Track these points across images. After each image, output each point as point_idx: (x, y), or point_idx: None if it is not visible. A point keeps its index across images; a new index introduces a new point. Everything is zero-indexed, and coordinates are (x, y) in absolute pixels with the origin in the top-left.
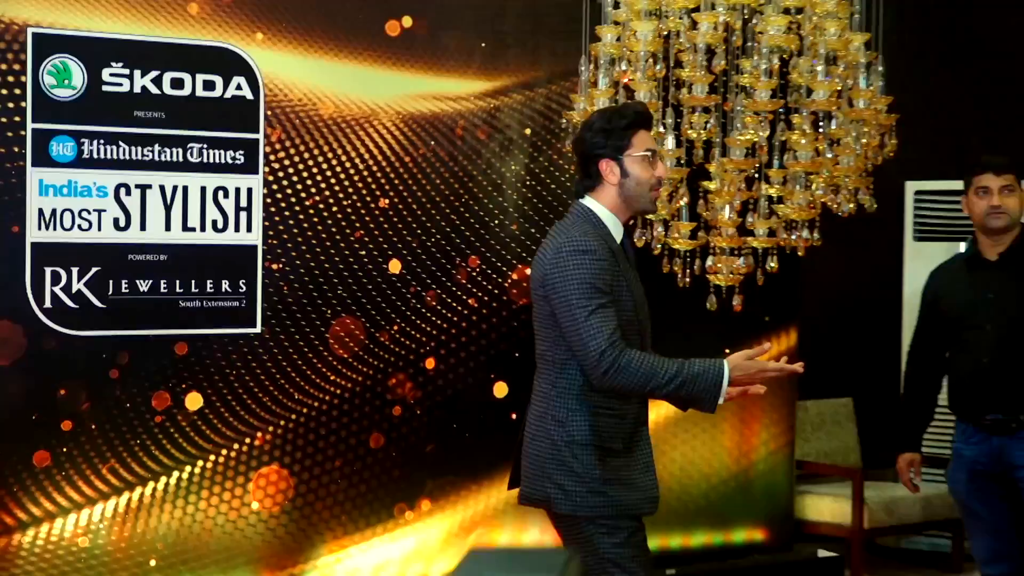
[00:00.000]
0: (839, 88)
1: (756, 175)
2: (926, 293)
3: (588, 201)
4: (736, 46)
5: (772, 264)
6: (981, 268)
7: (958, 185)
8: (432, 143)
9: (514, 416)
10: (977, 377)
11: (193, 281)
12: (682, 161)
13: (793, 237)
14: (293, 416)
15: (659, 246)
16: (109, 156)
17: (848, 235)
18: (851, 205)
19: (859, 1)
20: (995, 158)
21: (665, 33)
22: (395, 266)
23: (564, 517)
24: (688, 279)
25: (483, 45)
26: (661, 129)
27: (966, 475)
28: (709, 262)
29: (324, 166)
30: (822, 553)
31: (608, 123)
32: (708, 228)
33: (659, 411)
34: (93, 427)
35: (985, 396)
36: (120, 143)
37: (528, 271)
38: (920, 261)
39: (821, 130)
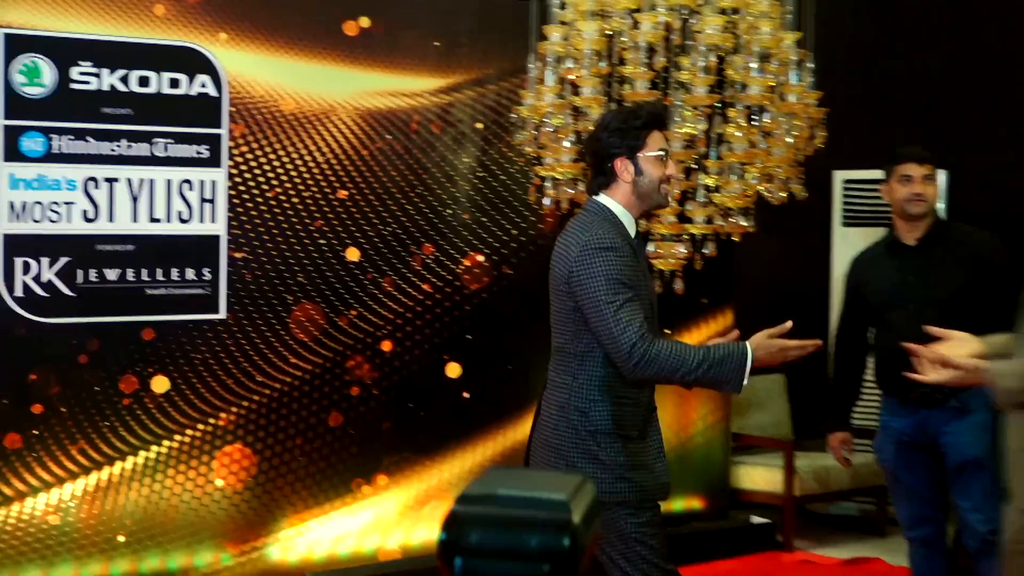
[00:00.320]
0: (772, 84)
1: (694, 166)
2: (849, 280)
3: (603, 198)
4: (676, 44)
5: (710, 249)
6: (901, 252)
7: (882, 174)
8: (388, 137)
9: (466, 395)
10: (904, 354)
11: (159, 270)
12: None
13: (729, 224)
14: (256, 397)
15: None
16: (78, 151)
17: (780, 222)
18: (783, 193)
19: (791, 2)
20: (916, 149)
21: (609, 32)
22: (353, 254)
23: None
24: None
25: (437, 44)
26: None
27: (893, 446)
28: (652, 248)
29: (285, 159)
30: (756, 520)
31: (624, 123)
32: (651, 216)
33: None
34: (63, 410)
35: (911, 371)
36: (88, 138)
37: (479, 258)
38: (847, 246)
39: (755, 123)
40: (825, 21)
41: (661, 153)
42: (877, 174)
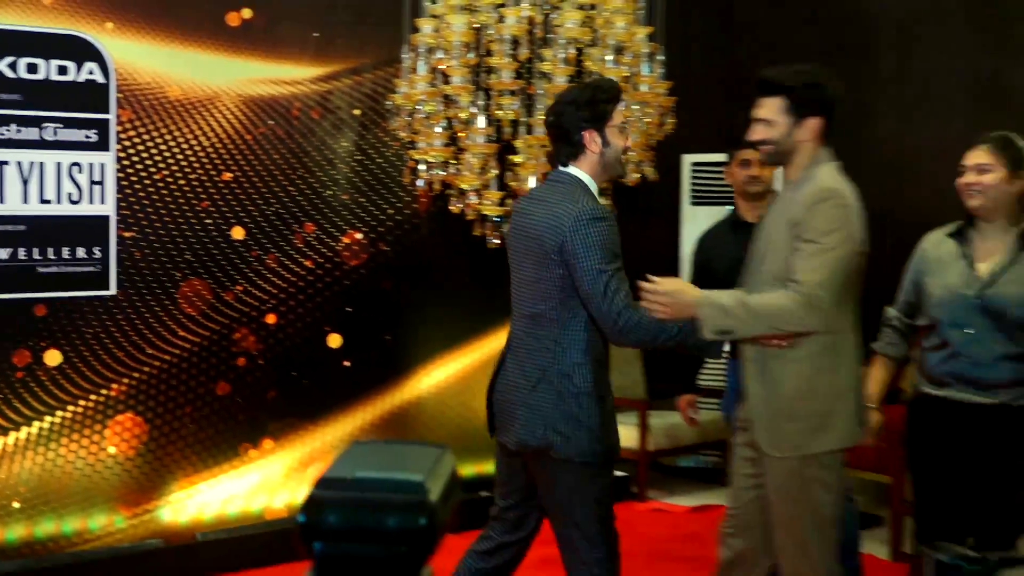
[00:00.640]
0: (626, 74)
1: None
2: (696, 255)
3: (572, 169)
4: (538, 37)
5: None
6: (743, 229)
7: (716, 156)
8: (271, 122)
9: (347, 364)
10: None
11: (51, 249)
12: (492, 138)
13: None
14: (146, 369)
15: (473, 212)
16: None
17: (634, 201)
18: (636, 175)
19: None
20: None
21: (477, 26)
22: (238, 232)
23: (561, 461)
24: (497, 241)
25: (315, 35)
26: (473, 110)
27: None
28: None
29: (172, 143)
30: (614, 473)
31: (592, 98)
32: (515, 196)
33: (473, 356)
34: None
35: None
36: None
37: (358, 236)
38: (695, 223)
39: None
40: (675, 16)
41: (624, 125)
42: (722, 157)
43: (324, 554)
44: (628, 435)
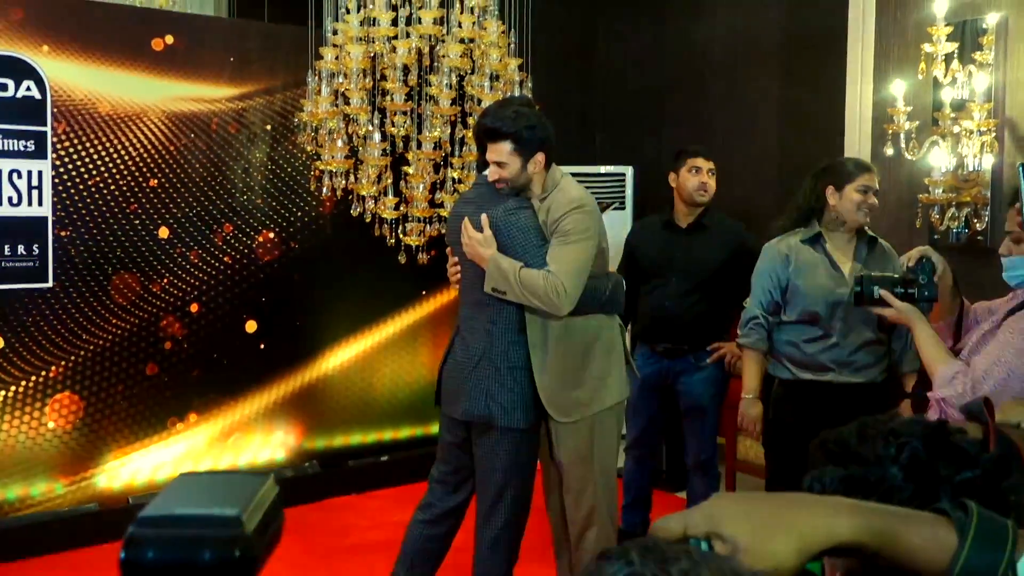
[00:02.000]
0: (501, 98)
1: (442, 163)
2: (627, 244)
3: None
4: (426, 65)
5: None
6: (675, 232)
7: (579, 168)
8: (192, 136)
9: (262, 346)
10: (660, 314)
11: None
12: (387, 151)
13: None
14: (82, 352)
15: (370, 215)
16: None
17: None
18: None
19: (514, 35)
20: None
21: (372, 55)
22: (164, 232)
23: (503, 430)
24: (393, 240)
25: (232, 60)
26: (370, 127)
27: (638, 385)
28: (409, 227)
29: (103, 153)
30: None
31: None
32: (408, 202)
33: (373, 339)
34: None
35: (663, 330)
36: None
37: (271, 235)
38: None
39: None
40: (542, 49)
41: None
42: (579, 168)
43: None
44: None
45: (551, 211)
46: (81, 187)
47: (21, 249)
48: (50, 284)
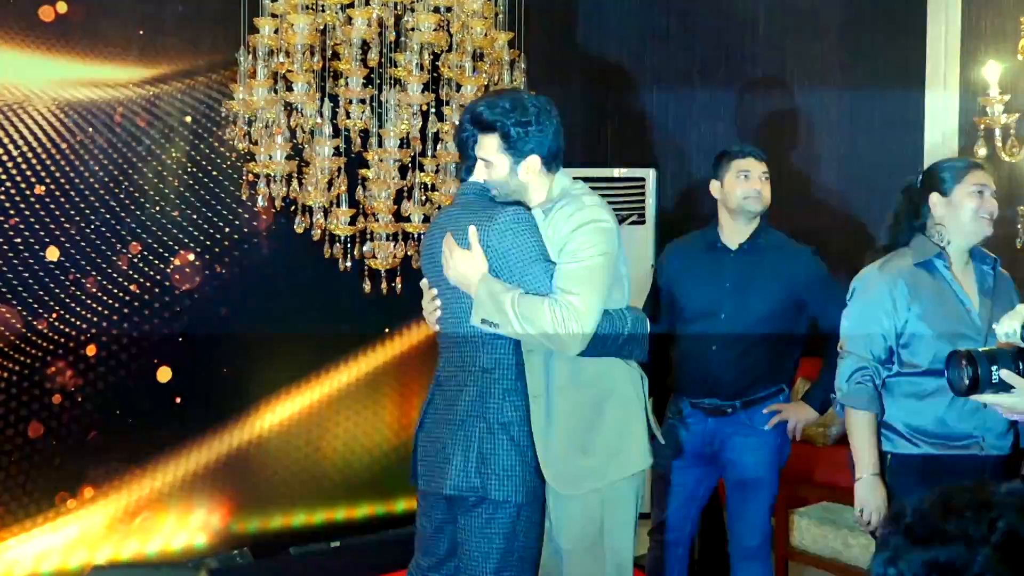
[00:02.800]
0: (485, 83)
1: (410, 164)
2: (660, 279)
3: (477, 179)
4: (390, 41)
5: None
6: (724, 255)
7: (586, 172)
8: (90, 130)
9: (178, 400)
10: (706, 359)
11: None
12: (340, 150)
13: None
14: None
15: (319, 232)
16: None
17: None
18: None
19: (503, 2)
20: (753, 146)
21: (321, 27)
22: (52, 253)
23: (497, 505)
24: (348, 264)
25: (141, 32)
26: (318, 119)
27: (673, 451)
28: (368, 247)
29: None
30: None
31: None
32: (366, 215)
33: (322, 390)
34: None
35: (708, 382)
36: None
37: (190, 256)
38: None
39: None
40: (538, 21)
41: None
42: (586, 172)
43: None
44: None
45: (557, 226)
46: None
47: None
48: None
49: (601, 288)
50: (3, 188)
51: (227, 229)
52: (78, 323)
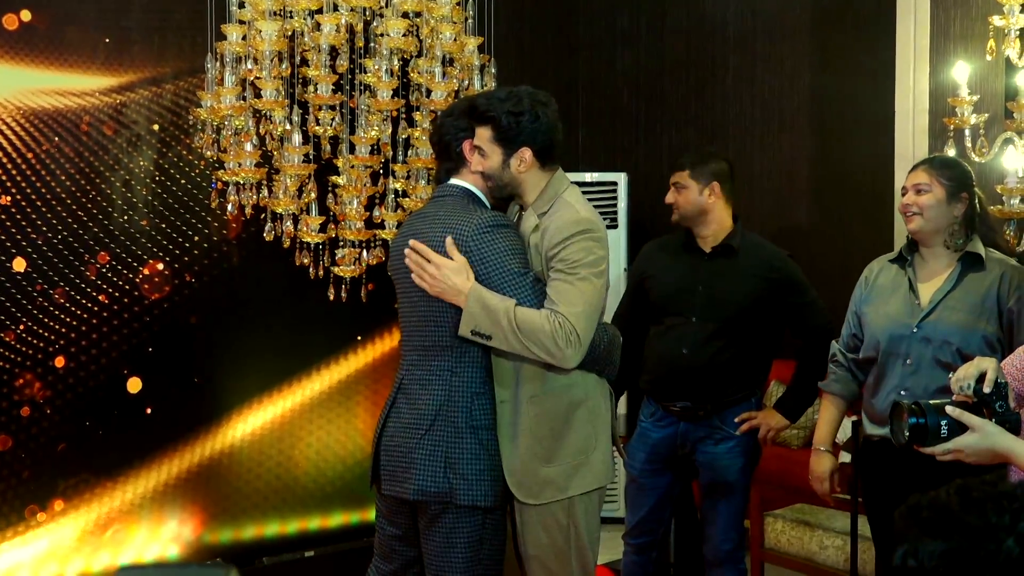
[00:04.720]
0: (456, 88)
1: (381, 171)
2: (635, 271)
3: (458, 181)
4: (359, 46)
5: None
6: (697, 256)
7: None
8: (56, 139)
9: (149, 411)
10: (677, 362)
11: None
12: (309, 157)
13: None
14: None
15: (289, 240)
16: None
17: None
18: None
19: (473, 7)
20: (684, 155)
21: (290, 33)
22: (19, 264)
23: (464, 510)
24: (320, 272)
25: (107, 40)
26: (288, 126)
27: (645, 453)
28: (340, 254)
29: None
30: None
31: (471, 106)
32: (337, 222)
33: (294, 399)
34: None
35: (680, 384)
36: None
37: (159, 266)
38: None
39: None
40: (508, 25)
41: None
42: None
43: None
44: None
45: (548, 233)
46: None
47: None
48: None
49: (598, 304)
50: None
51: (196, 238)
52: (46, 334)
